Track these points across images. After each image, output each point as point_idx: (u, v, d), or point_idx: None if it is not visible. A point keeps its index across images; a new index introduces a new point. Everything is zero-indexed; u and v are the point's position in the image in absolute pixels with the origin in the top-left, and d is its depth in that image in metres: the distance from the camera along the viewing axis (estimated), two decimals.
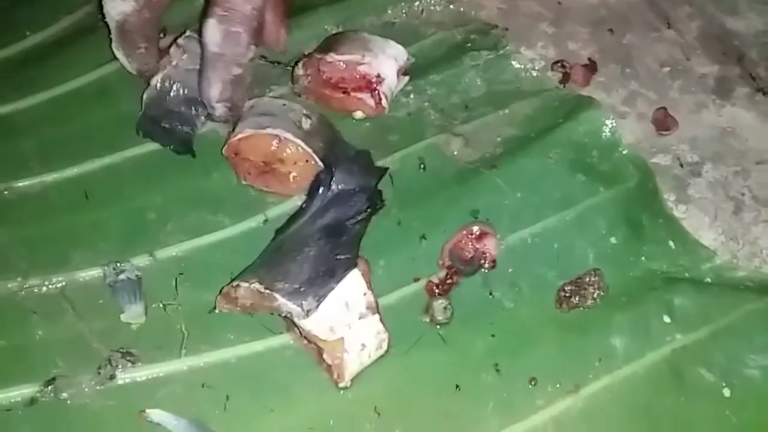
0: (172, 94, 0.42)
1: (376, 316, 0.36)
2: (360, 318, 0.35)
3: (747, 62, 0.51)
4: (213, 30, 0.38)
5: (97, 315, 0.36)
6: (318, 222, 0.38)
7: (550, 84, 0.47)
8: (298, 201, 0.40)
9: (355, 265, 0.36)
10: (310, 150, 0.40)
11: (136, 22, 0.40)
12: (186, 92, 0.42)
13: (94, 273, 0.37)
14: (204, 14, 0.39)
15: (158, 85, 0.42)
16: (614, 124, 0.44)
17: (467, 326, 0.38)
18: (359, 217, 0.38)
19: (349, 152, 0.42)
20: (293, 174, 0.40)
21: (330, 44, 0.45)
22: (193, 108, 0.42)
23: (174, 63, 0.42)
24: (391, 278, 0.39)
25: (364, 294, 0.35)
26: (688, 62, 0.50)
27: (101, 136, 0.42)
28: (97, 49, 0.46)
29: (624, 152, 0.43)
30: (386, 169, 0.42)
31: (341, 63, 0.44)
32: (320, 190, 0.39)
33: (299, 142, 0.40)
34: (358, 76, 0.44)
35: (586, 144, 0.43)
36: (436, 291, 0.39)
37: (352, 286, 0.35)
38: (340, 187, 0.39)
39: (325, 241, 0.37)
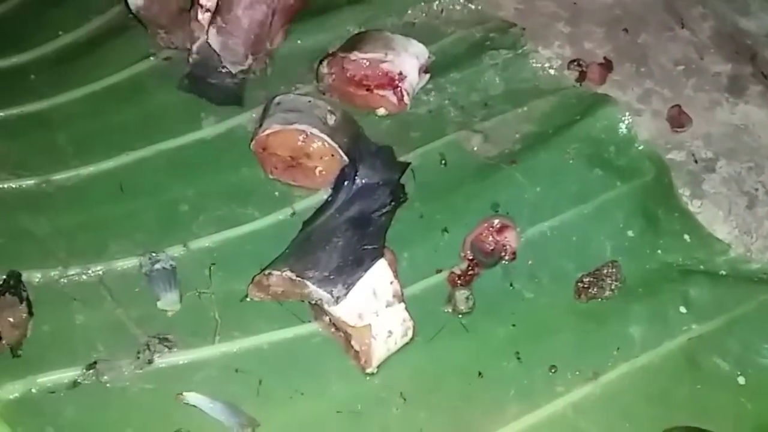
0: (214, 57, 0.45)
1: (402, 305, 0.37)
2: (387, 306, 0.36)
3: (759, 61, 0.52)
4: (213, 39, 0.43)
5: (134, 302, 0.38)
6: (344, 214, 0.39)
7: (567, 82, 0.48)
8: (324, 194, 0.41)
9: (382, 255, 0.37)
10: (335, 145, 0.41)
11: (149, 14, 0.45)
12: None
13: (130, 262, 0.39)
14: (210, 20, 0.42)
15: (198, 51, 0.45)
16: (630, 121, 0.45)
17: (489, 316, 0.39)
18: (384, 210, 0.40)
19: (372, 147, 0.43)
20: (319, 168, 0.42)
21: (354, 43, 0.47)
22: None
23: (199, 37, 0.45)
24: (414, 270, 0.40)
25: (391, 283, 0.37)
26: (701, 61, 0.51)
27: (135, 131, 0.44)
28: (129, 47, 0.48)
29: (640, 148, 0.44)
30: (408, 163, 0.43)
31: (365, 61, 0.45)
32: (345, 184, 0.41)
33: (325, 137, 0.41)
34: (380, 74, 0.45)
35: (603, 140, 0.44)
36: (459, 282, 0.40)
37: (380, 274, 0.37)
38: (364, 181, 0.41)
39: (352, 232, 0.38)
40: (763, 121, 0.48)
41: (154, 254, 0.39)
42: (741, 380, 0.37)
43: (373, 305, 0.36)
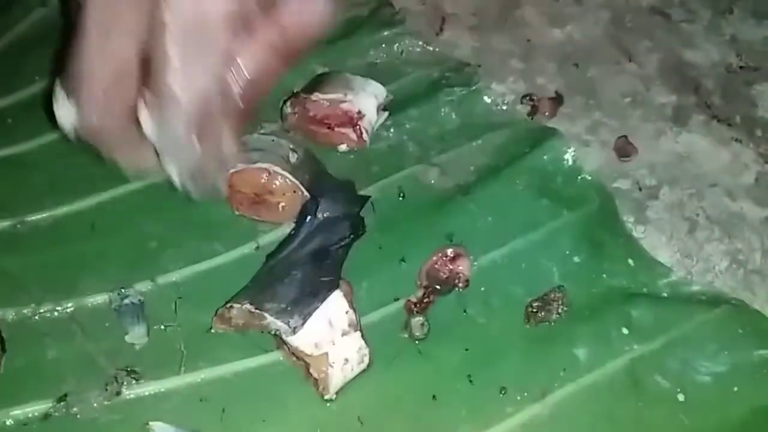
0: None
1: (358, 333, 0.39)
2: (343, 335, 0.39)
3: (703, 91, 0.55)
4: (144, 117, 0.31)
5: (103, 336, 0.39)
6: (306, 247, 0.42)
7: (519, 116, 0.51)
8: (287, 229, 0.44)
9: (337, 286, 0.39)
10: (297, 182, 0.44)
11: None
12: None
13: (100, 298, 0.41)
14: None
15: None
16: (575, 153, 0.47)
17: (443, 341, 0.41)
18: (343, 243, 0.42)
19: (334, 183, 0.45)
20: (282, 204, 0.44)
21: (315, 84, 0.49)
22: None
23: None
24: (373, 298, 0.42)
25: (346, 312, 0.39)
26: (648, 93, 0.54)
27: (106, 170, 0.45)
28: None
29: (586, 178, 0.47)
30: (368, 197, 0.45)
31: (325, 101, 0.48)
32: (307, 219, 0.43)
33: (287, 174, 0.43)
34: (340, 113, 0.48)
35: (550, 171, 0.47)
36: (414, 309, 0.42)
37: (335, 305, 0.39)
38: (325, 215, 0.43)
39: (311, 265, 0.41)
40: (705, 149, 0.51)
41: (123, 290, 0.41)
42: (680, 397, 0.39)
43: (330, 334, 0.38)
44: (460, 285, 0.43)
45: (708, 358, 0.40)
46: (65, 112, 0.33)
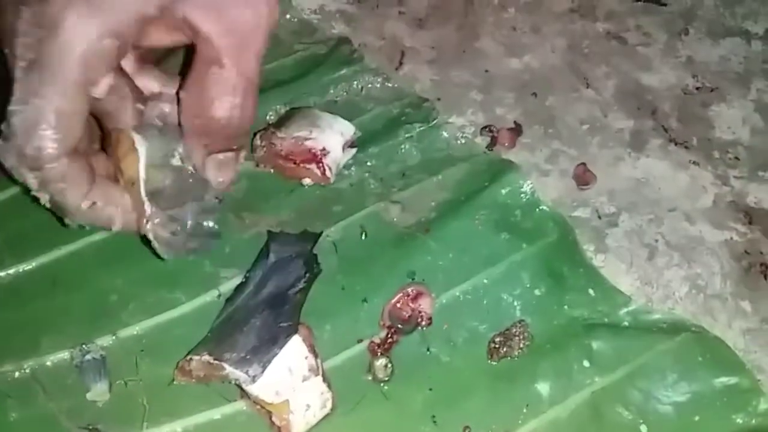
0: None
1: (319, 378, 0.39)
2: (303, 380, 0.39)
3: (660, 115, 0.56)
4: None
5: (65, 395, 0.39)
6: (262, 292, 0.42)
7: (477, 149, 0.51)
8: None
9: (296, 332, 0.39)
10: None
11: None
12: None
13: (62, 355, 0.41)
14: None
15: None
16: (533, 184, 0.48)
17: (407, 382, 0.41)
18: (299, 285, 0.42)
19: None
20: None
21: (283, 120, 0.50)
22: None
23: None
24: (336, 341, 0.43)
25: (306, 357, 0.39)
26: (605, 119, 0.55)
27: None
28: None
29: (544, 209, 0.47)
30: (320, 233, 0.46)
31: (290, 138, 0.48)
32: (259, 261, 0.43)
33: None
34: (304, 150, 0.48)
35: (508, 204, 0.47)
36: (378, 351, 0.42)
37: (294, 351, 0.39)
38: (277, 256, 0.43)
39: (269, 311, 0.41)
40: (663, 173, 0.52)
41: (84, 346, 0.41)
42: (643, 428, 0.40)
43: (290, 381, 0.38)
44: (423, 323, 0.43)
45: (669, 387, 0.41)
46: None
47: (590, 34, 0.61)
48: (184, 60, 0.38)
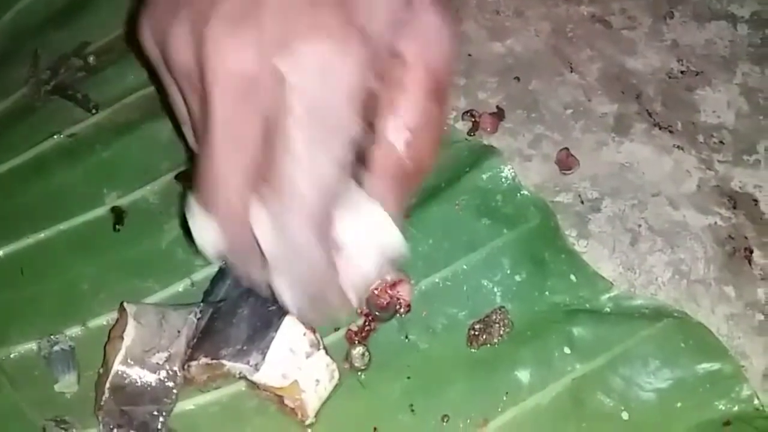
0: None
1: (322, 351, 0.38)
2: (307, 357, 0.38)
3: (644, 99, 0.55)
4: (257, 218, 0.28)
5: (32, 386, 0.38)
6: (241, 282, 0.41)
7: (459, 136, 0.50)
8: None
9: (287, 311, 0.38)
10: None
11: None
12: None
13: (29, 346, 0.40)
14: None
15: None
16: (514, 169, 0.47)
17: (385, 370, 0.41)
18: None
19: None
20: None
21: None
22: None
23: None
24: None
25: (305, 334, 0.38)
26: (589, 103, 0.54)
27: (37, 212, 0.45)
28: (34, 128, 0.49)
29: (525, 195, 0.46)
30: None
31: None
32: None
33: None
34: None
35: (489, 189, 0.46)
36: (355, 339, 0.42)
37: (291, 330, 0.38)
38: None
39: (254, 298, 0.40)
40: (647, 157, 0.51)
41: (53, 336, 0.40)
42: (625, 415, 0.39)
43: (294, 361, 0.37)
44: (402, 310, 0.43)
45: (651, 374, 0.40)
46: (205, 231, 0.30)
47: (574, 18, 0.59)
48: None
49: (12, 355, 0.39)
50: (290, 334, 0.38)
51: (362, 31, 0.26)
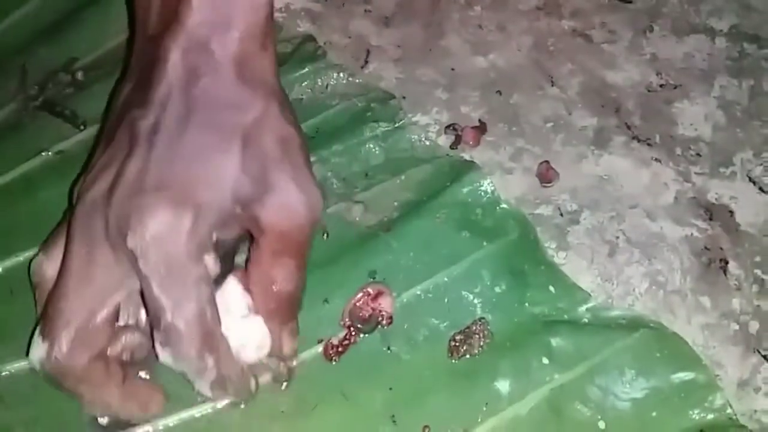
0: None
1: (259, 318, 0.39)
2: (242, 318, 0.38)
3: (623, 112, 0.56)
4: (161, 354, 0.35)
5: (24, 405, 0.39)
6: None
7: (441, 150, 0.51)
8: None
9: (230, 271, 0.39)
10: None
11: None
12: None
13: (20, 365, 0.40)
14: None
15: None
16: (494, 183, 0.48)
17: (367, 381, 0.41)
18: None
19: None
20: None
21: None
22: None
23: None
24: (298, 341, 0.42)
25: (243, 296, 0.39)
26: (569, 116, 0.55)
27: (25, 231, 0.46)
28: (21, 145, 0.50)
29: (505, 208, 0.47)
30: None
31: None
32: None
33: None
34: None
35: (469, 203, 0.47)
36: (331, 353, 0.42)
37: (231, 290, 0.38)
38: None
39: None
40: (625, 170, 0.52)
41: None
42: (601, 425, 0.40)
43: (226, 321, 0.37)
44: (384, 322, 0.43)
45: (627, 383, 0.41)
46: (36, 349, 0.36)
47: (556, 32, 0.61)
48: None
49: (3, 374, 0.40)
50: (229, 294, 0.38)
51: (199, 207, 0.34)
